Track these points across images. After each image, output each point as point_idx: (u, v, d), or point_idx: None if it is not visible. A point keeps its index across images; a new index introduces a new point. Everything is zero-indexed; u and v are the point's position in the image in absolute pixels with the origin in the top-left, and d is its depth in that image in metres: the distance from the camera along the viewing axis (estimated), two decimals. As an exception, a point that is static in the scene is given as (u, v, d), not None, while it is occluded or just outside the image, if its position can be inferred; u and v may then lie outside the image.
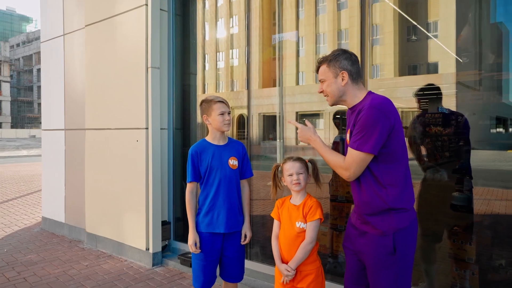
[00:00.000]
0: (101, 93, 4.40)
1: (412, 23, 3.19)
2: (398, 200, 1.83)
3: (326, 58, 1.96)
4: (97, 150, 4.47)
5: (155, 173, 3.91)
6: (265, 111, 5.81)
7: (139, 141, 3.95)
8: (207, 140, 2.45)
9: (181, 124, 4.30)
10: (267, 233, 3.97)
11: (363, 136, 1.74)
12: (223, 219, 2.36)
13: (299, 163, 2.18)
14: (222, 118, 2.36)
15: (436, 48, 2.97)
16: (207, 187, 2.39)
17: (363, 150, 1.75)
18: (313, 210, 2.11)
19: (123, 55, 4.11)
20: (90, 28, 4.49)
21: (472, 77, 2.69)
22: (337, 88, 1.91)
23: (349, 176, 1.83)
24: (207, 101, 2.41)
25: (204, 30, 7.33)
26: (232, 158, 2.43)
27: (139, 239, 4.01)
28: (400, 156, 1.84)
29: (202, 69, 8.82)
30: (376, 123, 1.72)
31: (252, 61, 3.91)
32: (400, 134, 1.82)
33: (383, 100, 1.82)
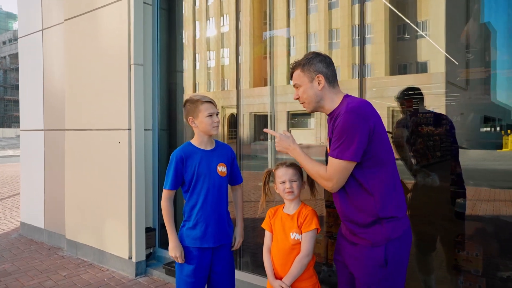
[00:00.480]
0: (81, 92, 4.14)
1: (403, 22, 3.16)
2: (388, 208, 1.68)
3: (299, 63, 1.82)
4: (77, 152, 4.21)
5: (139, 177, 3.68)
6: (256, 110, 5.76)
7: (122, 143, 3.71)
8: (193, 144, 2.22)
9: (166, 125, 4.07)
10: (258, 240, 3.76)
11: (342, 143, 1.61)
12: (212, 232, 2.15)
13: (293, 169, 1.98)
14: (210, 120, 2.14)
15: (427, 47, 2.94)
16: (193, 196, 2.17)
17: (344, 158, 1.62)
18: (309, 219, 1.91)
19: (104, 51, 3.86)
20: (69, 22, 4.23)
21: (462, 76, 2.65)
22: (314, 93, 1.77)
23: (332, 187, 1.70)
24: (192, 101, 2.17)
25: (194, 26, 7.09)
26: (220, 165, 2.21)
27: (121, 247, 3.77)
28: (385, 159, 1.70)
29: (192, 67, 8.60)
30: (354, 128, 1.59)
31: (242, 60, 3.74)
32: (383, 136, 1.69)
33: (360, 103, 1.68)
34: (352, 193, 1.72)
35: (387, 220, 1.66)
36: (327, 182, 1.70)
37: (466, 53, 2.65)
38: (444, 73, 2.76)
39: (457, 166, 2.55)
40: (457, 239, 2.54)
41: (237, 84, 3.75)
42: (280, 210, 2.05)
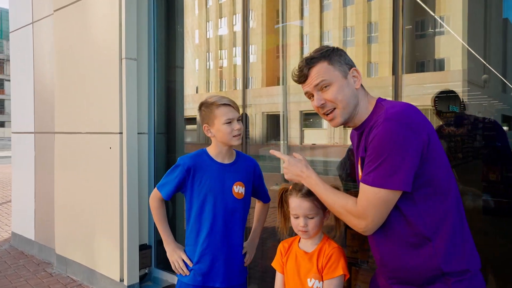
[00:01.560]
0: (71, 90, 3.70)
1: (420, 18, 2.81)
2: (455, 258, 1.16)
3: (321, 54, 1.27)
4: (66, 158, 3.78)
5: (131, 187, 3.21)
6: (269, 110, 5.45)
7: (112, 148, 3.25)
8: (209, 154, 1.77)
9: (164, 128, 3.59)
10: (269, 263, 3.26)
11: (382, 165, 1.14)
12: (220, 269, 1.72)
13: (309, 201, 1.45)
14: (229, 128, 1.69)
15: (444, 44, 2.64)
16: (200, 220, 1.73)
17: (386, 186, 1.14)
18: (334, 262, 1.41)
19: (93, 44, 3.41)
20: (59, 13, 3.80)
21: (481, 74, 2.32)
22: (351, 92, 1.27)
23: (366, 227, 1.19)
24: (207, 105, 1.73)
25: (206, 25, 6.77)
26: (238, 184, 1.76)
27: (112, 267, 3.31)
28: (445, 186, 1.19)
29: (204, 66, 8.19)
30: (401, 143, 1.12)
31: (255, 59, 3.33)
32: (439, 152, 1.18)
33: (405, 108, 1.17)
34: (399, 236, 1.20)
35: (457, 276, 1.14)
36: (358, 220, 1.20)
37: (485, 49, 2.30)
38: (461, 71, 2.47)
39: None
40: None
41: (245, 83, 3.29)
42: (295, 244, 1.55)
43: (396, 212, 1.19)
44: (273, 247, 3.39)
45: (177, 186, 1.75)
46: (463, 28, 2.42)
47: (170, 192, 1.76)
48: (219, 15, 10.97)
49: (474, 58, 2.29)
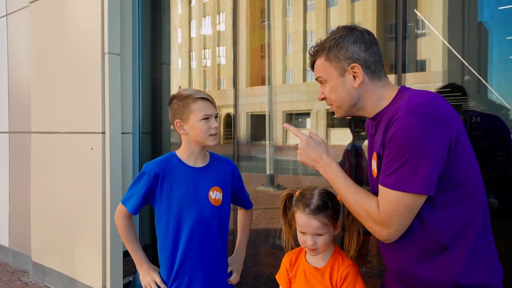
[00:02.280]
0: (49, 87, 3.48)
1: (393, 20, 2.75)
2: (474, 270, 1.05)
3: (322, 46, 1.17)
4: (44, 159, 3.55)
5: (114, 191, 3.01)
6: (253, 110, 5.38)
7: (94, 149, 3.06)
8: (178, 157, 1.57)
9: (150, 127, 3.42)
10: (261, 268, 3.13)
11: (404, 165, 1.00)
12: (198, 284, 1.52)
13: (318, 220, 1.29)
14: (206, 125, 1.49)
15: (426, 46, 2.60)
16: (172, 234, 1.53)
17: (409, 189, 1.00)
18: (351, 282, 1.28)
19: (73, 38, 3.20)
20: (35, 5, 3.57)
21: (460, 75, 2.34)
22: (346, 92, 1.15)
23: (389, 235, 1.06)
24: (180, 98, 1.52)
25: (189, 24, 6.70)
26: (214, 189, 1.56)
27: (93, 275, 3.11)
28: (472, 189, 1.06)
29: (187, 65, 8.08)
30: (425, 140, 0.98)
31: (241, 58, 3.21)
32: (468, 151, 1.05)
33: (430, 98, 1.04)
34: (415, 242, 1.08)
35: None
36: (381, 227, 1.06)
37: (463, 52, 2.29)
38: (442, 72, 2.45)
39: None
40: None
41: (234, 83, 3.18)
42: (302, 257, 1.41)
43: (416, 217, 1.07)
44: (267, 252, 3.27)
45: (144, 197, 1.53)
46: (443, 30, 2.41)
47: (137, 206, 1.54)
48: (203, 14, 10.80)
49: (454, 60, 2.27)
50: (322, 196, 1.32)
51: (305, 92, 5.99)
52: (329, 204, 1.31)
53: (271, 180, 4.32)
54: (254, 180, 4.36)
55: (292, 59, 7.14)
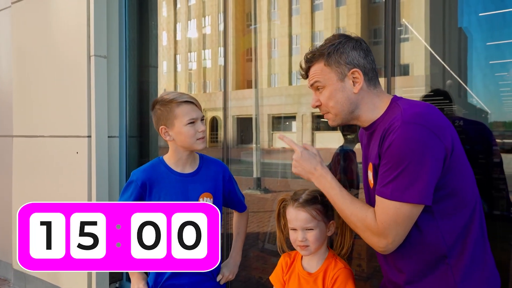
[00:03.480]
0: (32, 89, 3.40)
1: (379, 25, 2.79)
2: (473, 277, 1.06)
3: (321, 51, 1.16)
4: (27, 164, 3.46)
5: (101, 196, 2.96)
6: (239, 113, 5.38)
7: (80, 153, 2.99)
8: (166, 163, 1.53)
9: (137, 131, 3.37)
10: (250, 273, 3.11)
11: (401, 175, 1.01)
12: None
13: (306, 212, 1.30)
14: (192, 130, 1.45)
15: (408, 50, 2.64)
16: None
17: (406, 199, 1.01)
18: (340, 285, 1.28)
19: (59, 41, 3.14)
20: (17, 5, 3.48)
21: (441, 80, 2.41)
22: (345, 98, 1.15)
23: (387, 246, 1.06)
24: (164, 103, 1.47)
25: (175, 26, 6.66)
26: (204, 195, 1.52)
27: (78, 282, 3.03)
28: (469, 199, 1.08)
29: (173, 68, 8.03)
30: (421, 150, 1.00)
31: (228, 61, 3.22)
32: (463, 161, 1.07)
33: (425, 109, 1.06)
34: (413, 250, 1.09)
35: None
36: (378, 238, 1.06)
37: (444, 56, 2.35)
38: (424, 76, 2.50)
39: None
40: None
41: (224, 86, 3.18)
42: (298, 262, 1.40)
43: (413, 227, 1.07)
44: (256, 256, 3.25)
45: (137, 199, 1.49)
46: (425, 36, 2.45)
47: None
48: (188, 17, 10.75)
49: (436, 64, 2.32)
50: (312, 192, 1.35)
51: (291, 95, 6.03)
52: (318, 198, 1.33)
53: (258, 183, 4.32)
54: (241, 183, 4.34)
55: (277, 63, 7.17)
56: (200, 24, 10.70)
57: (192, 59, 11.07)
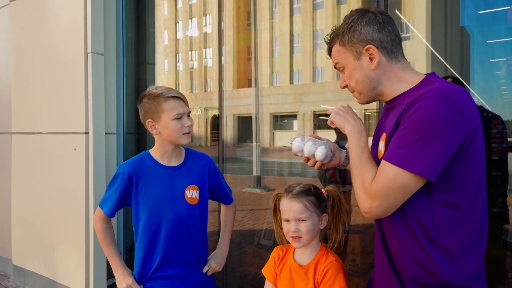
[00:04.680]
0: (30, 87, 3.42)
1: None
2: (459, 271, 1.03)
3: (337, 32, 1.16)
4: (26, 160, 3.48)
5: (98, 192, 2.98)
6: (240, 112, 5.39)
7: (78, 150, 3.02)
8: (152, 157, 1.55)
9: (134, 128, 3.39)
10: (247, 269, 3.13)
11: (414, 143, 0.96)
12: (175, 284, 1.52)
13: (299, 202, 1.32)
14: (179, 124, 1.48)
15: (410, 48, 2.64)
16: (149, 235, 1.51)
17: (410, 168, 0.96)
18: (330, 278, 1.28)
19: (57, 38, 3.16)
20: (16, 3, 3.51)
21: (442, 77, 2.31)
22: (364, 76, 1.13)
23: (371, 208, 1.02)
24: (151, 97, 1.49)
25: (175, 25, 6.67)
26: (191, 188, 1.54)
27: (76, 277, 3.06)
28: (474, 193, 1.04)
29: (174, 67, 8.05)
30: (442, 124, 0.95)
31: (226, 60, 3.21)
32: (480, 154, 1.03)
33: (460, 89, 1.00)
34: (401, 230, 1.08)
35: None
36: (366, 197, 1.03)
37: (446, 54, 2.34)
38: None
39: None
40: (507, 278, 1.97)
41: (219, 85, 3.18)
42: (290, 255, 1.42)
43: (407, 206, 1.04)
44: (252, 252, 3.27)
45: (120, 199, 1.52)
46: (426, 34, 2.45)
47: (113, 208, 1.53)
48: (189, 16, 10.74)
49: (437, 62, 2.31)
50: (305, 184, 1.37)
51: (292, 94, 6.02)
52: (311, 190, 1.34)
53: (257, 181, 4.33)
54: (241, 181, 4.37)
55: (278, 61, 7.16)
56: (201, 22, 10.74)
57: (193, 58, 11.08)
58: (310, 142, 1.25)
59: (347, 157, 1.36)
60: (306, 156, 1.27)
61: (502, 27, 2.08)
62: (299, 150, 1.27)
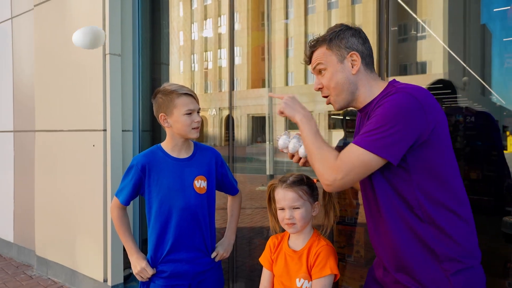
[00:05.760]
0: (52, 87, 3.61)
1: (403, 21, 2.78)
2: (455, 249, 1.14)
3: (323, 38, 1.28)
4: (48, 157, 3.67)
5: (115, 186, 3.03)
6: (254, 112, 5.44)
7: (96, 146, 3.18)
8: (163, 149, 1.68)
9: (149, 125, 3.53)
10: (255, 259, 3.23)
11: (377, 130, 1.10)
12: (185, 268, 1.63)
13: (293, 191, 1.41)
14: (189, 119, 1.60)
15: (426, 48, 2.64)
16: (160, 223, 1.64)
17: (371, 149, 1.09)
18: (322, 260, 1.37)
19: (76, 40, 3.33)
20: (39, 8, 3.71)
21: (461, 77, 2.34)
22: (345, 78, 1.24)
23: (334, 181, 1.13)
24: (165, 93, 1.62)
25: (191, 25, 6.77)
26: (199, 178, 1.66)
27: (95, 267, 3.22)
28: (446, 174, 1.16)
29: (189, 68, 8.17)
30: (403, 114, 1.08)
31: (240, 61, 3.31)
32: (445, 144, 1.16)
33: (419, 87, 1.15)
34: (393, 216, 1.18)
35: (455, 270, 1.13)
36: (330, 171, 1.13)
37: (465, 54, 2.33)
38: (442, 74, 2.45)
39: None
40: (506, 267, 2.02)
41: (230, 85, 3.29)
42: (285, 242, 1.51)
43: (393, 194, 1.16)
44: (261, 245, 3.36)
45: (135, 188, 1.64)
46: (443, 32, 2.44)
47: (128, 197, 1.65)
48: (204, 16, 10.88)
49: (455, 62, 2.31)
50: (298, 175, 1.46)
51: (306, 94, 6.07)
52: (304, 180, 1.44)
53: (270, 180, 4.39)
54: (254, 180, 4.46)
55: (293, 61, 7.22)
56: (216, 23, 10.83)
57: (208, 58, 11.21)
58: (295, 139, 1.36)
59: None
60: (290, 152, 1.38)
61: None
62: (285, 147, 1.38)
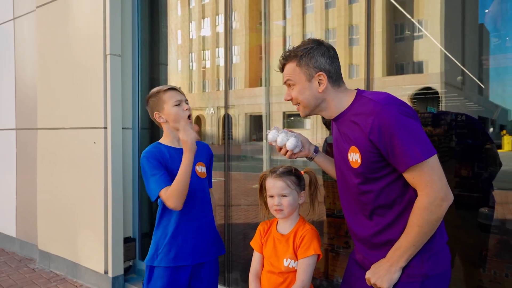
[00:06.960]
0: (54, 85, 3.73)
1: (400, 21, 2.87)
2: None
3: (294, 53, 1.38)
4: (50, 153, 3.79)
5: (116, 181, 3.26)
6: (251, 111, 5.56)
7: (97, 143, 3.30)
8: (163, 144, 1.83)
9: (148, 123, 3.66)
10: (250, 252, 3.36)
11: (414, 139, 1.19)
12: (189, 247, 1.78)
13: (282, 181, 1.55)
14: (179, 109, 1.78)
15: (422, 47, 2.72)
16: (168, 208, 1.77)
17: (427, 155, 1.18)
18: (306, 242, 1.51)
19: (77, 40, 3.45)
20: (41, 9, 3.82)
21: (458, 76, 2.41)
22: (312, 95, 1.37)
23: (443, 199, 1.20)
24: (153, 94, 1.82)
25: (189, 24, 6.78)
26: (199, 164, 1.85)
27: (96, 260, 3.35)
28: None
29: (187, 67, 8.16)
30: (405, 119, 1.21)
31: (237, 60, 3.42)
32: None
33: (388, 94, 1.29)
34: (368, 204, 1.34)
35: (431, 251, 1.28)
36: (441, 199, 1.18)
37: (462, 53, 2.41)
38: (439, 74, 2.52)
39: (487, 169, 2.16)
40: (481, 256, 2.16)
41: (226, 84, 3.40)
42: (274, 227, 1.65)
43: (380, 183, 1.29)
44: (255, 236, 3.49)
45: (161, 167, 1.69)
46: (440, 32, 2.50)
47: (168, 178, 1.67)
48: (202, 15, 10.95)
49: (451, 61, 2.38)
50: (287, 166, 1.61)
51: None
52: (292, 171, 1.59)
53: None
54: (251, 178, 4.58)
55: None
56: (214, 22, 10.91)
57: (206, 57, 11.30)
58: (283, 133, 1.51)
59: (315, 150, 1.63)
60: (278, 145, 1.53)
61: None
62: (274, 140, 1.53)
